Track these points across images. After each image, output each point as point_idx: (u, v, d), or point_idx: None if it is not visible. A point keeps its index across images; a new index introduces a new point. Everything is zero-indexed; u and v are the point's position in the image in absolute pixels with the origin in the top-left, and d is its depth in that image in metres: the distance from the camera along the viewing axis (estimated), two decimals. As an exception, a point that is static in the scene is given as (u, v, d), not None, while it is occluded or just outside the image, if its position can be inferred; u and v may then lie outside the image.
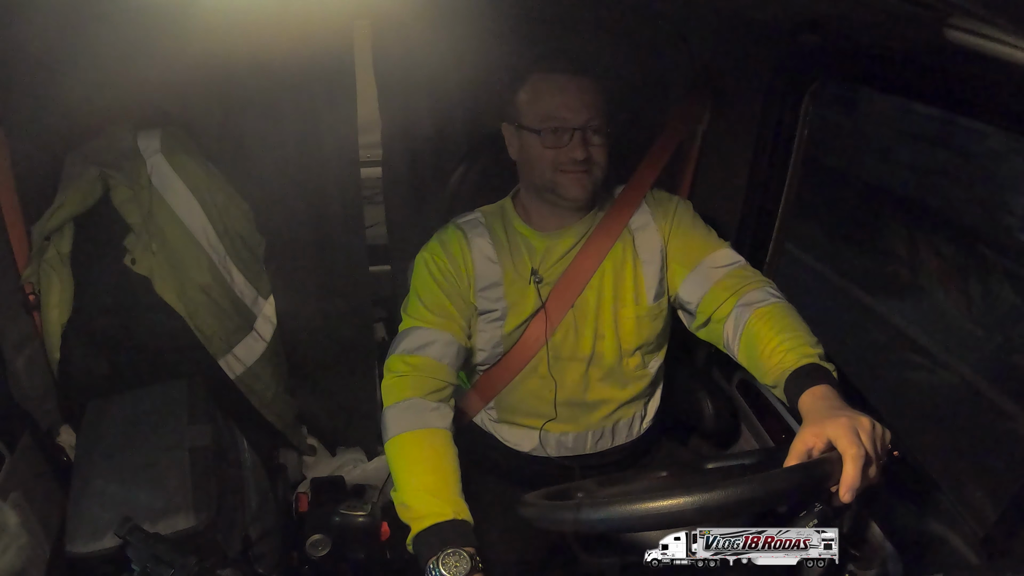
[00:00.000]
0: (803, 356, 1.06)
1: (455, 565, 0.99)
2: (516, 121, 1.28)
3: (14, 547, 1.10)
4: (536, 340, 1.32)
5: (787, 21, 1.21)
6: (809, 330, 1.13)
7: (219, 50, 1.31)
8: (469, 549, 1.01)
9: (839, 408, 0.93)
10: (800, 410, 0.99)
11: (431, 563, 0.99)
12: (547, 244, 1.33)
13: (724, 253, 1.29)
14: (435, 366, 1.23)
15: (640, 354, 1.36)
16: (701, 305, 1.27)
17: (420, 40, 1.49)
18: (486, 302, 1.31)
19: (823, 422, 0.88)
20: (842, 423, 0.86)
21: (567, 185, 1.25)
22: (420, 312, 1.28)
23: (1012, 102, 0.92)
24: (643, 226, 1.34)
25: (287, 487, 1.78)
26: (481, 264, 1.32)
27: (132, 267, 1.49)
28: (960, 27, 0.73)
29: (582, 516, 0.84)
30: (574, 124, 1.22)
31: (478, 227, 1.35)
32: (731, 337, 1.21)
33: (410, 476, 1.11)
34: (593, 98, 1.24)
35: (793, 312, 1.17)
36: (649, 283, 1.33)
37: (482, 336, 1.32)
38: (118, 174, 1.49)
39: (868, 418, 0.88)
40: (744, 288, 1.22)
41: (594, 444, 1.37)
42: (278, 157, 1.62)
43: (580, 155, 1.21)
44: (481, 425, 1.42)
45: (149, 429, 1.27)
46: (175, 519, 1.09)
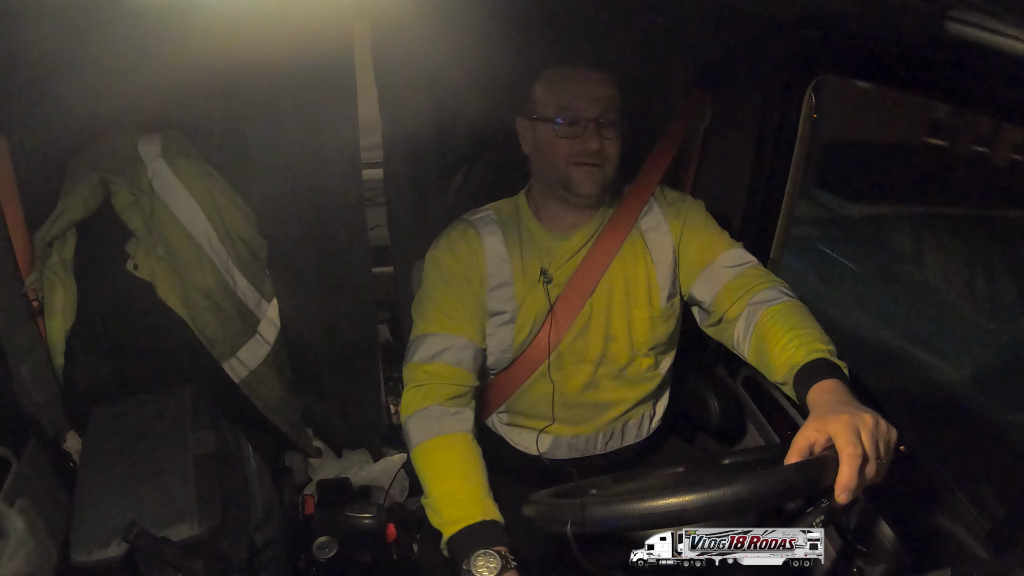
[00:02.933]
0: (812, 352, 1.05)
1: (485, 565, 1.00)
2: (531, 114, 1.28)
3: (21, 553, 1.10)
4: (546, 343, 1.31)
5: (789, 16, 1.21)
6: (820, 328, 1.12)
7: (219, 53, 1.31)
8: (500, 548, 1.02)
9: (845, 404, 0.92)
10: (808, 405, 0.98)
11: (464, 565, 1.01)
12: (557, 243, 1.32)
13: (736, 253, 1.29)
14: (452, 371, 1.22)
15: (653, 355, 1.35)
16: (713, 305, 1.27)
17: (420, 41, 1.49)
18: (496, 303, 1.30)
19: (826, 417, 0.87)
20: (843, 420, 0.85)
21: (579, 180, 1.25)
22: (432, 316, 1.27)
23: (1013, 95, 0.91)
24: (654, 227, 1.34)
25: (293, 489, 1.78)
26: (493, 263, 1.31)
27: (134, 272, 1.50)
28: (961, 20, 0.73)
29: (586, 515, 0.84)
30: (589, 115, 1.22)
31: (490, 224, 1.34)
32: (741, 337, 1.20)
33: (437, 483, 1.13)
34: (609, 92, 1.25)
35: (804, 311, 1.16)
36: (662, 284, 1.32)
37: (492, 340, 1.31)
38: (119, 179, 1.49)
39: (872, 415, 0.87)
40: (755, 288, 1.22)
41: (604, 445, 1.37)
42: (279, 160, 1.62)
43: (594, 146, 1.22)
44: (492, 428, 1.41)
45: (153, 436, 1.26)
46: (180, 527, 1.08)
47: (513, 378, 1.34)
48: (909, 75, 1.14)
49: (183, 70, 1.37)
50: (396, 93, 1.58)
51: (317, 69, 1.54)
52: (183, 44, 1.28)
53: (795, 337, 1.09)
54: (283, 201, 1.67)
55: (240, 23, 1.21)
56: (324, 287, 1.77)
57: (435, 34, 1.42)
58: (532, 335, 1.31)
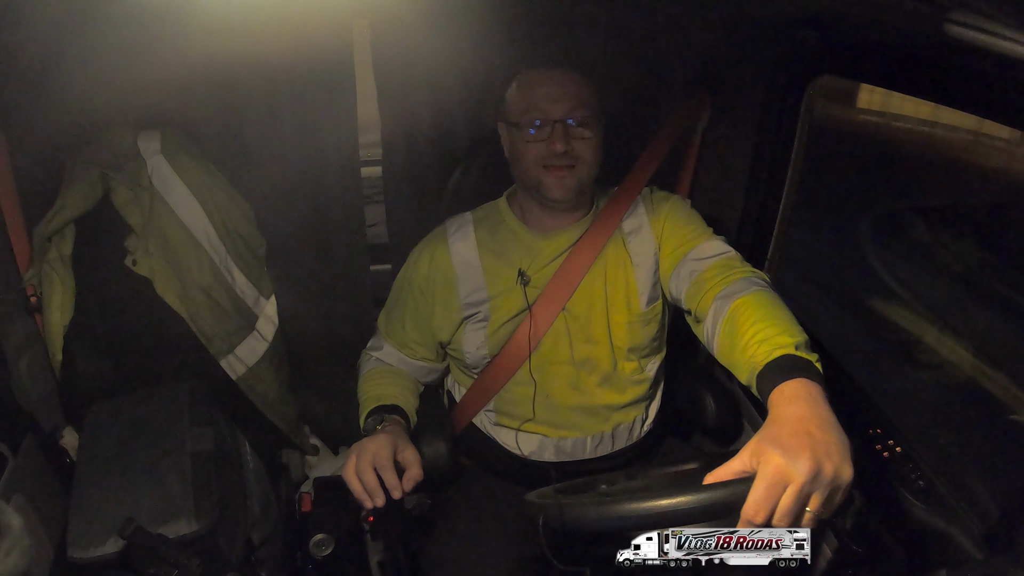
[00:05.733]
0: (776, 348, 0.94)
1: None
2: (506, 118, 1.27)
3: (17, 549, 1.10)
4: (525, 344, 1.30)
5: (787, 17, 1.21)
6: (792, 318, 1.01)
7: (219, 50, 1.31)
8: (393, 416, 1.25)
9: (798, 425, 0.80)
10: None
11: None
12: (540, 244, 1.31)
13: (710, 244, 1.23)
14: (394, 368, 1.41)
15: (636, 359, 1.33)
16: (686, 301, 1.21)
17: (420, 39, 1.49)
18: (470, 307, 1.31)
19: (764, 445, 0.79)
20: (773, 463, 0.76)
21: (550, 185, 1.23)
22: (383, 323, 1.45)
23: (1013, 97, 0.91)
24: (636, 229, 1.32)
25: (290, 487, 1.78)
26: (462, 269, 1.32)
27: (133, 268, 1.49)
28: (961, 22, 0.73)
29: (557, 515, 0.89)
30: (555, 116, 1.20)
31: (464, 228, 1.35)
32: (710, 335, 1.11)
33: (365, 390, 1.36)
34: (577, 90, 1.21)
35: (776, 300, 1.06)
36: (642, 287, 1.30)
37: (467, 340, 1.32)
38: (119, 175, 1.49)
39: (811, 464, 0.75)
40: (726, 280, 1.13)
41: (594, 449, 1.35)
42: (279, 157, 1.62)
43: (560, 147, 1.19)
44: (481, 427, 1.41)
45: (151, 433, 1.26)
46: (176, 524, 1.08)
47: (494, 378, 1.34)
48: (908, 77, 1.13)
49: (183, 67, 1.37)
50: (395, 91, 1.59)
51: (316, 67, 1.54)
52: (183, 41, 1.28)
53: (758, 332, 0.98)
54: (282, 198, 1.67)
55: (240, 20, 1.21)
56: (322, 284, 1.78)
57: (434, 32, 1.42)
58: (508, 336, 1.30)
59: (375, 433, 1.20)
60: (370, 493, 1.10)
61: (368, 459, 1.11)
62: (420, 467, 1.15)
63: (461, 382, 1.43)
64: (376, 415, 1.28)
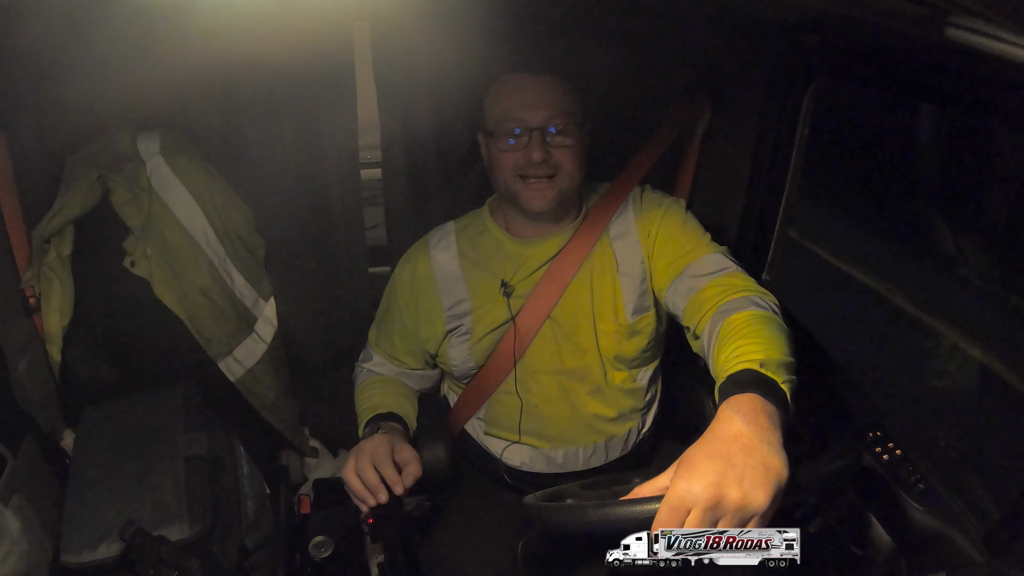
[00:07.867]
0: (742, 362, 0.90)
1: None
2: (482, 127, 1.23)
3: (16, 552, 1.10)
4: (510, 354, 1.27)
5: (788, 20, 1.21)
6: (779, 339, 0.96)
7: (219, 52, 1.31)
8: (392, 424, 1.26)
9: (724, 441, 0.79)
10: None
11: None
12: (525, 253, 1.28)
13: (710, 259, 1.18)
14: (388, 378, 1.42)
15: (626, 369, 1.29)
16: (684, 318, 1.17)
17: (420, 41, 1.49)
18: (453, 319, 1.30)
19: (682, 464, 0.78)
20: (679, 485, 0.75)
21: (528, 196, 1.19)
22: (374, 335, 1.46)
23: (1013, 101, 0.92)
24: (623, 234, 1.27)
25: (289, 489, 1.77)
26: (444, 281, 1.30)
27: (132, 269, 1.49)
28: (961, 25, 0.73)
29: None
30: (532, 124, 1.15)
31: (445, 239, 1.34)
32: (706, 351, 1.07)
33: (361, 402, 1.37)
34: (556, 97, 1.17)
35: (770, 322, 1.00)
36: (627, 297, 1.25)
37: (453, 351, 1.31)
38: (118, 176, 1.49)
39: (713, 492, 0.75)
40: (726, 298, 1.10)
41: (587, 460, 1.32)
42: (278, 159, 1.62)
43: (537, 156, 1.14)
44: (474, 436, 1.41)
45: (144, 437, 1.25)
46: (169, 529, 1.08)
47: (481, 388, 1.33)
48: (907, 80, 1.14)
49: (182, 68, 1.37)
50: (395, 93, 1.59)
51: (316, 69, 1.54)
52: (183, 42, 1.29)
53: (738, 348, 0.94)
54: (281, 200, 1.67)
55: (240, 22, 1.21)
56: (321, 286, 1.78)
57: (435, 34, 1.42)
58: (492, 347, 1.29)
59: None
60: (372, 490, 1.10)
61: (367, 458, 1.12)
62: (419, 464, 1.15)
63: (453, 389, 1.43)
64: (373, 424, 1.28)
